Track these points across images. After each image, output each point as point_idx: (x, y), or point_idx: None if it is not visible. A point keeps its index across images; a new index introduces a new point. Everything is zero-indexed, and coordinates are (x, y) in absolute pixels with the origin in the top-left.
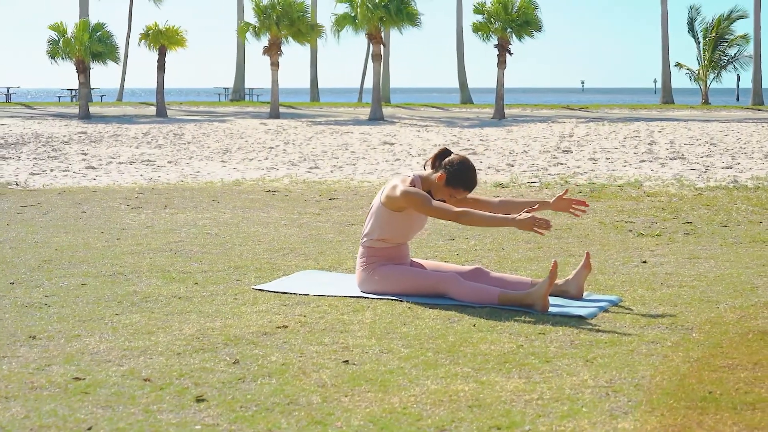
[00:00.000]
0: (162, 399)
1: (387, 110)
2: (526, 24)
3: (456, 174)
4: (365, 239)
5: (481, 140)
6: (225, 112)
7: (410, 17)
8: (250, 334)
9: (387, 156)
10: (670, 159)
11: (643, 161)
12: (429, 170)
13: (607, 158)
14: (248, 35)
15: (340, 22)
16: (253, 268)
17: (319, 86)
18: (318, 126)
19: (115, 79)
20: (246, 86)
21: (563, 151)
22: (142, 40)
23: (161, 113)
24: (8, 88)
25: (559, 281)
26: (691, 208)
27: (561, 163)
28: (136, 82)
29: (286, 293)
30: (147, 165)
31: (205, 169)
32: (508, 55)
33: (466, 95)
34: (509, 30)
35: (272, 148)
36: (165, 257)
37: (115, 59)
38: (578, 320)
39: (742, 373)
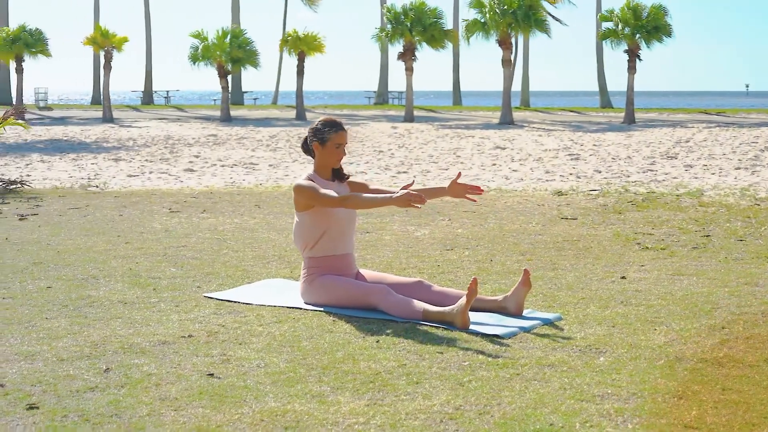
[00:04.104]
0: None
1: (524, 114)
2: (656, 30)
3: (317, 128)
4: (303, 251)
5: (594, 145)
6: (364, 116)
7: (539, 23)
8: (147, 343)
9: (485, 161)
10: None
11: (738, 168)
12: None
13: (704, 165)
14: (383, 41)
15: (471, 28)
16: (224, 275)
17: (468, 89)
18: (443, 130)
19: (272, 83)
20: (394, 89)
21: (668, 157)
22: (283, 47)
23: (300, 116)
24: (167, 92)
25: (498, 297)
26: (727, 220)
27: (650, 170)
28: (294, 85)
29: (231, 302)
30: (245, 168)
31: (296, 173)
32: (638, 60)
33: (605, 99)
34: (638, 36)
35: (381, 152)
36: (150, 262)
37: (255, 64)
38: (492, 339)
39: (608, 405)
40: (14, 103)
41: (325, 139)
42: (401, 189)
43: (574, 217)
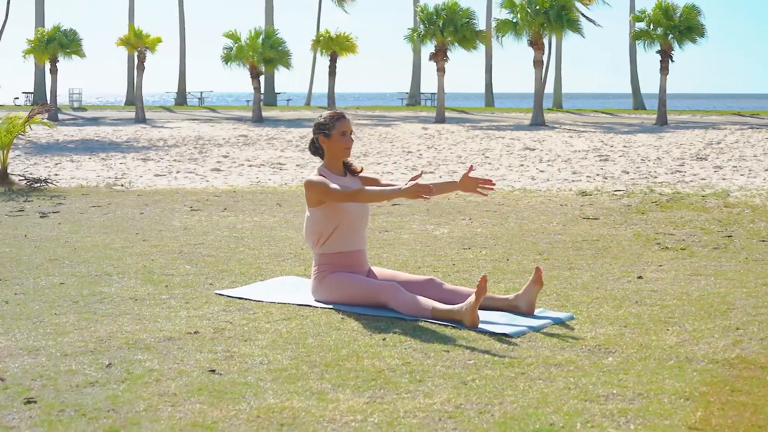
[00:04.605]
0: None
1: (557, 115)
2: (689, 30)
3: (320, 123)
4: (314, 246)
5: (624, 146)
6: (396, 117)
7: (571, 23)
8: (153, 339)
9: (513, 161)
10: None
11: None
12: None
13: (734, 167)
14: (414, 42)
15: (502, 28)
16: (237, 273)
17: (501, 91)
18: (474, 131)
19: (306, 85)
20: (427, 91)
21: (698, 158)
22: (316, 48)
23: None
24: (201, 92)
25: (509, 296)
26: (752, 220)
27: (678, 171)
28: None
29: (241, 299)
30: (272, 167)
31: None
32: (670, 61)
33: (638, 101)
34: (671, 36)
35: (410, 152)
36: (166, 259)
37: (287, 65)
38: (500, 338)
39: (612, 405)
40: (48, 103)
41: (330, 131)
42: (409, 180)
43: (596, 217)
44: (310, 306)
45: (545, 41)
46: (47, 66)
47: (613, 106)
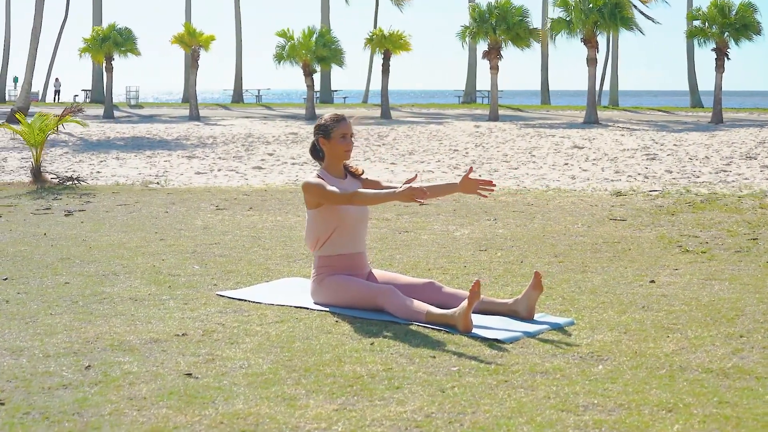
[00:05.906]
0: None
1: (611, 113)
2: (744, 28)
3: (320, 125)
4: (313, 249)
5: (674, 145)
6: (450, 115)
7: (625, 21)
8: (139, 341)
9: (558, 160)
10: None
11: None
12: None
13: None
14: (469, 39)
15: (556, 26)
16: (244, 274)
17: (559, 88)
18: (525, 129)
19: (363, 82)
20: (484, 89)
21: (748, 157)
22: (367, 45)
23: (385, 115)
24: (258, 90)
25: (508, 300)
26: None
27: (723, 171)
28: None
29: (241, 300)
30: (315, 165)
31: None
32: (726, 59)
33: (695, 99)
34: (726, 34)
35: (456, 150)
36: (177, 259)
37: (340, 63)
38: (492, 344)
39: (588, 416)
40: (105, 100)
41: (330, 132)
42: (404, 183)
43: (624, 218)
44: (308, 309)
45: (602, 38)
46: (104, 64)
47: (671, 103)
